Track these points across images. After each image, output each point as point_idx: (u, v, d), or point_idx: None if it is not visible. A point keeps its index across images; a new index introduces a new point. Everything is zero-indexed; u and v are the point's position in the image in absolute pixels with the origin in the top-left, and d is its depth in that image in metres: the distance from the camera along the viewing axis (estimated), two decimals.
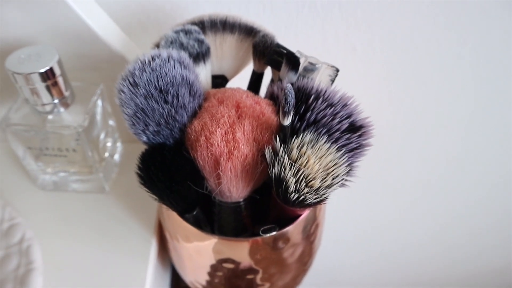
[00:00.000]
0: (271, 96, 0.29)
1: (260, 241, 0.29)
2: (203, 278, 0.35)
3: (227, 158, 0.24)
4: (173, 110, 0.25)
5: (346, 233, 0.84)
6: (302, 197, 0.23)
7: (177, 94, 0.25)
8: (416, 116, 0.53)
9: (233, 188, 0.26)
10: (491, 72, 0.47)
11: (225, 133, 0.25)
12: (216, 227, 0.31)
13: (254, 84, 0.35)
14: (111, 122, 0.40)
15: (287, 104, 0.22)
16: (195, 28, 0.30)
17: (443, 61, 0.46)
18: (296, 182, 0.23)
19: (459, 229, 0.84)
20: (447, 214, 0.77)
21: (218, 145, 0.24)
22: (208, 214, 0.31)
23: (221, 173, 0.25)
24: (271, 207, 0.29)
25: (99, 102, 0.36)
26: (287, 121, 0.24)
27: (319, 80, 0.29)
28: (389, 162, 0.60)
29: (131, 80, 0.24)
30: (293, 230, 0.29)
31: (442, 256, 0.97)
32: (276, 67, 0.31)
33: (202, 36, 0.29)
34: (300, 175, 0.23)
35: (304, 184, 0.23)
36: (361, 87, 0.48)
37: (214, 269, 0.32)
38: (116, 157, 0.41)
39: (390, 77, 0.47)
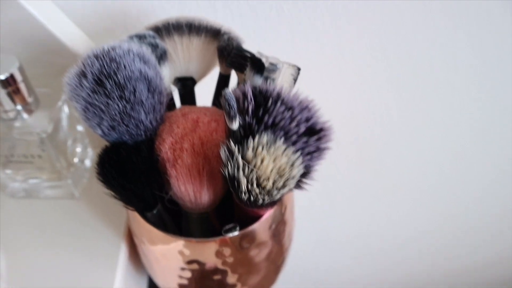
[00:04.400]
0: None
1: (225, 241, 0.29)
2: (174, 281, 0.35)
3: (171, 165, 0.26)
4: (128, 106, 0.25)
5: (337, 232, 0.83)
6: (254, 197, 0.23)
7: (135, 90, 0.25)
8: (406, 111, 0.53)
9: (187, 196, 0.27)
10: (485, 60, 0.48)
11: (175, 142, 0.27)
12: (184, 230, 0.31)
13: (221, 86, 0.35)
14: (79, 128, 0.39)
15: (231, 109, 0.23)
16: (150, 32, 0.30)
17: (427, 55, 0.46)
18: (247, 182, 0.23)
19: (452, 227, 0.84)
20: (441, 212, 0.78)
21: (165, 152, 0.27)
22: (176, 217, 0.32)
23: (168, 178, 0.26)
24: (235, 208, 0.29)
25: (65, 108, 0.35)
26: (235, 125, 0.24)
27: (281, 80, 0.29)
28: (380, 161, 0.60)
29: (79, 70, 0.24)
30: (257, 229, 0.29)
31: (432, 254, 0.97)
32: (239, 70, 0.31)
33: (156, 41, 0.30)
34: (252, 176, 0.23)
35: (256, 185, 0.23)
36: (337, 87, 0.48)
37: (182, 271, 0.32)
38: (87, 162, 0.41)
39: (364, 78, 0.48)
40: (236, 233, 0.28)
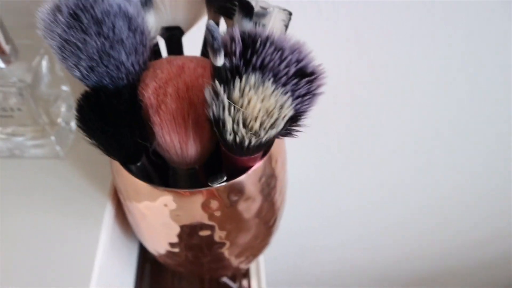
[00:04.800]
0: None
1: (212, 192, 0.27)
2: (162, 240, 0.34)
3: (155, 111, 0.25)
4: (107, 44, 0.23)
5: (336, 206, 0.83)
6: (240, 138, 0.22)
7: (113, 27, 0.23)
8: (406, 81, 0.52)
9: (172, 147, 0.26)
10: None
11: (159, 87, 0.25)
12: (170, 186, 0.30)
13: None
14: (64, 88, 0.38)
15: (214, 40, 0.21)
16: None
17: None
18: (233, 123, 0.22)
19: (456, 196, 0.84)
20: (443, 180, 0.77)
21: (148, 97, 0.25)
22: (163, 174, 0.30)
23: (151, 125, 0.25)
24: (223, 160, 0.28)
25: (44, 62, 0.34)
26: (219, 61, 0.22)
27: (272, 26, 0.28)
28: (378, 124, 0.59)
29: (54, 5, 0.23)
30: (246, 181, 0.28)
31: (434, 228, 0.97)
32: (228, 15, 0.30)
33: None
34: (238, 116, 0.22)
35: (242, 125, 0.22)
36: (332, 46, 0.47)
37: (169, 229, 0.31)
38: (73, 125, 0.40)
39: (361, 35, 0.46)
40: (223, 183, 0.27)
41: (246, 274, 0.45)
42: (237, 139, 0.22)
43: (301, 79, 0.24)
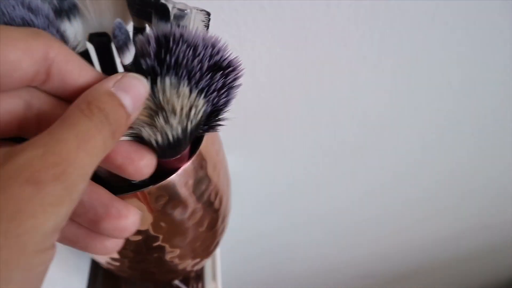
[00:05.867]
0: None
1: (137, 196, 0.27)
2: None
3: None
4: None
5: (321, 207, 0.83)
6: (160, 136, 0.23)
7: None
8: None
9: None
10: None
11: None
12: None
13: None
14: None
15: (115, 38, 0.21)
16: None
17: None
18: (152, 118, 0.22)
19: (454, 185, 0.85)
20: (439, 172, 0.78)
21: None
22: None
23: None
24: None
25: None
26: (127, 59, 0.22)
27: (192, 26, 0.28)
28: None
29: None
30: (170, 184, 0.28)
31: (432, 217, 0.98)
32: (147, 19, 0.30)
33: None
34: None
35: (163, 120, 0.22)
36: (277, 48, 0.47)
37: None
38: None
39: (306, 34, 0.46)
40: (146, 188, 0.27)
41: (200, 276, 0.45)
42: (158, 137, 0.23)
43: (215, 73, 0.25)
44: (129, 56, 0.23)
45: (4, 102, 0.20)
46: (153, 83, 0.23)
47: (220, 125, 0.26)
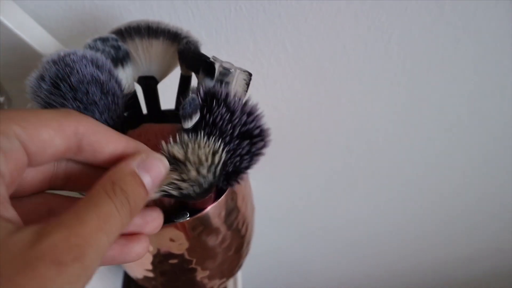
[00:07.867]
0: None
1: (176, 227, 0.31)
2: (138, 267, 0.38)
3: None
4: (82, 106, 0.27)
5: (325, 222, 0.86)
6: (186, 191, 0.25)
7: (87, 92, 0.27)
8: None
9: None
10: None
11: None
12: None
13: (182, 86, 0.38)
14: None
15: (184, 109, 0.26)
16: (112, 36, 0.33)
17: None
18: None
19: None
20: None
21: None
22: None
23: None
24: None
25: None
26: (187, 125, 0.27)
27: (235, 84, 0.31)
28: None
29: (38, 74, 0.27)
30: (205, 217, 0.32)
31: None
32: (196, 72, 0.34)
33: (118, 43, 0.32)
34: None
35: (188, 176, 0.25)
36: (297, 83, 0.51)
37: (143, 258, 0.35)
38: None
39: (324, 72, 0.50)
40: (186, 218, 0.31)
41: None
42: (184, 192, 0.26)
43: (243, 140, 0.28)
44: (190, 123, 0.27)
45: (37, 169, 0.22)
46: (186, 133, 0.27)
47: (239, 183, 0.29)
